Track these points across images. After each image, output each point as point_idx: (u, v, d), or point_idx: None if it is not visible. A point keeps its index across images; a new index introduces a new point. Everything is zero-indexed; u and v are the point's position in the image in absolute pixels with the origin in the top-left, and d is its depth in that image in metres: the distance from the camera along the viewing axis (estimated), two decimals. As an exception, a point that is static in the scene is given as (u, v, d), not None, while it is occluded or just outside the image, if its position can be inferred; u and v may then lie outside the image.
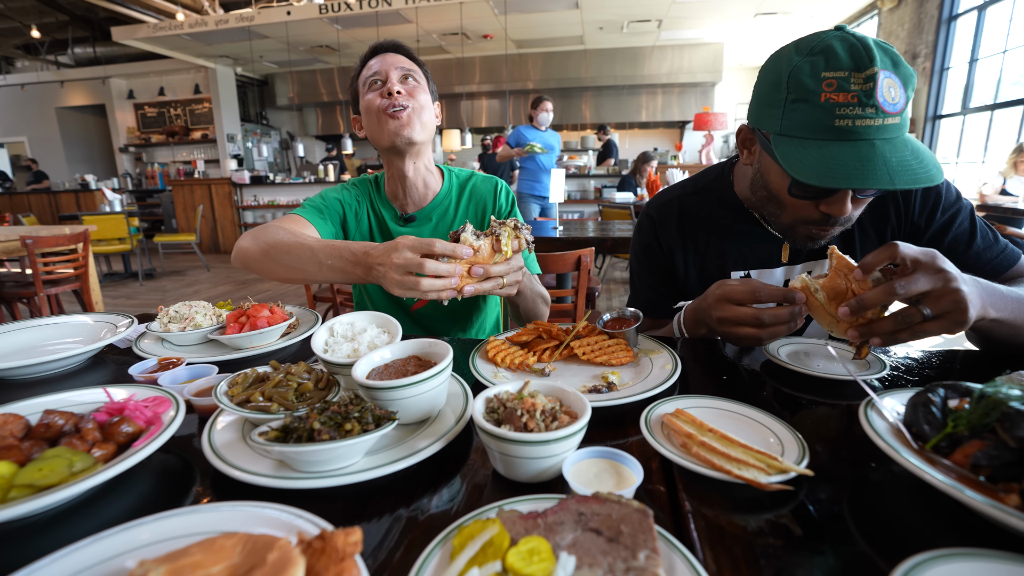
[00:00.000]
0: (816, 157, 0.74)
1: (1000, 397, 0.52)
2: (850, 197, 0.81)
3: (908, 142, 0.76)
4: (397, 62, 1.14)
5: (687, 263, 1.11)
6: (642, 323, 0.93)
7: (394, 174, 1.22)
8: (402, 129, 1.10)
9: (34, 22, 8.67)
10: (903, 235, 1.03)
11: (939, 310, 0.69)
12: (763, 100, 0.84)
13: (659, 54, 9.14)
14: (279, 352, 1.02)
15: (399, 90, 1.10)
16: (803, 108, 0.76)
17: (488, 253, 0.87)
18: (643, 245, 1.17)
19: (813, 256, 1.06)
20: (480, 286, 0.86)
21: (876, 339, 0.71)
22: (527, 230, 0.90)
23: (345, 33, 8.07)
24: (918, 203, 1.01)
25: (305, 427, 0.56)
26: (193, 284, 6.51)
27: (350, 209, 1.26)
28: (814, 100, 0.74)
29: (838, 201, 0.81)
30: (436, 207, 1.27)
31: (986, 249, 0.98)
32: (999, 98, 5.33)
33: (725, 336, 0.89)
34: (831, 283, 0.76)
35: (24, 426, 0.60)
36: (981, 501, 0.44)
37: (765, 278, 1.08)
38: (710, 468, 0.55)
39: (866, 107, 0.72)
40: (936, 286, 0.68)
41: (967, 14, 5.60)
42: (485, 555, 0.40)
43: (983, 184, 4.60)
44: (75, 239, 3.65)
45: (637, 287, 1.21)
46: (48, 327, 1.10)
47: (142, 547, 0.44)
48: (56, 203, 9.37)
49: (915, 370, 0.87)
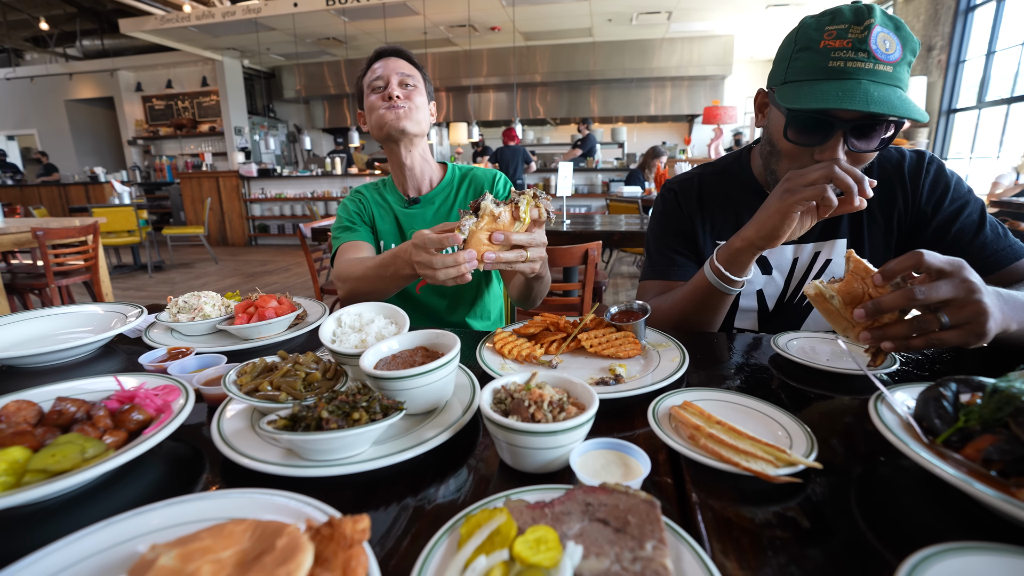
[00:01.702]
0: (808, 91, 0.84)
1: (1014, 392, 0.52)
2: (842, 146, 0.85)
3: (898, 90, 0.82)
4: (398, 67, 1.28)
5: (705, 233, 1.16)
6: (655, 288, 0.92)
7: (395, 162, 1.38)
8: (397, 121, 1.25)
9: (42, 14, 8.70)
10: (909, 221, 1.04)
11: (959, 320, 0.66)
12: (777, 59, 0.93)
13: (668, 47, 9.04)
14: (287, 342, 1.02)
15: (398, 94, 1.25)
16: (805, 55, 0.86)
17: (508, 221, 0.85)
18: (664, 212, 1.21)
19: (824, 236, 1.08)
20: (503, 255, 0.85)
21: (888, 343, 0.69)
22: (547, 199, 0.89)
23: (352, 25, 8.04)
24: (926, 190, 1.02)
25: (313, 416, 0.56)
26: (201, 276, 6.56)
27: (365, 211, 1.41)
28: (814, 47, 0.84)
29: (829, 147, 0.86)
30: (439, 193, 1.40)
31: (994, 241, 0.98)
32: (1016, 91, 5.22)
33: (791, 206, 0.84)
34: (847, 287, 0.73)
35: (37, 413, 0.61)
36: (992, 495, 0.44)
37: (776, 255, 1.11)
38: (718, 460, 0.54)
39: (859, 52, 0.80)
40: (958, 295, 0.66)
41: (985, 5, 5.48)
42: (492, 544, 0.40)
43: (998, 177, 4.51)
44: (85, 231, 3.69)
45: (653, 255, 1.21)
46: (60, 317, 1.11)
47: (153, 532, 0.44)
48: (66, 195, 9.45)
49: (926, 365, 0.86)
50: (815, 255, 1.09)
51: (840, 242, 1.07)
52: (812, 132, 0.87)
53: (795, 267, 1.11)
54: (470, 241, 0.84)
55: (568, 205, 7.92)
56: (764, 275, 1.12)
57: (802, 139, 0.89)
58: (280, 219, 9.04)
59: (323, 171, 8.86)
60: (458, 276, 0.84)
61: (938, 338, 0.68)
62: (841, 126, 0.84)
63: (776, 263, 1.11)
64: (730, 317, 1.17)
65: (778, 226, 0.87)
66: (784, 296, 1.12)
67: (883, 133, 0.86)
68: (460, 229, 0.83)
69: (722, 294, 0.98)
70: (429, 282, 0.89)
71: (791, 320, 1.13)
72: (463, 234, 0.83)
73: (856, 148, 0.87)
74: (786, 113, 0.89)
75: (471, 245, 0.84)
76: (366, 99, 1.31)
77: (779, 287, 1.12)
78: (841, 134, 0.85)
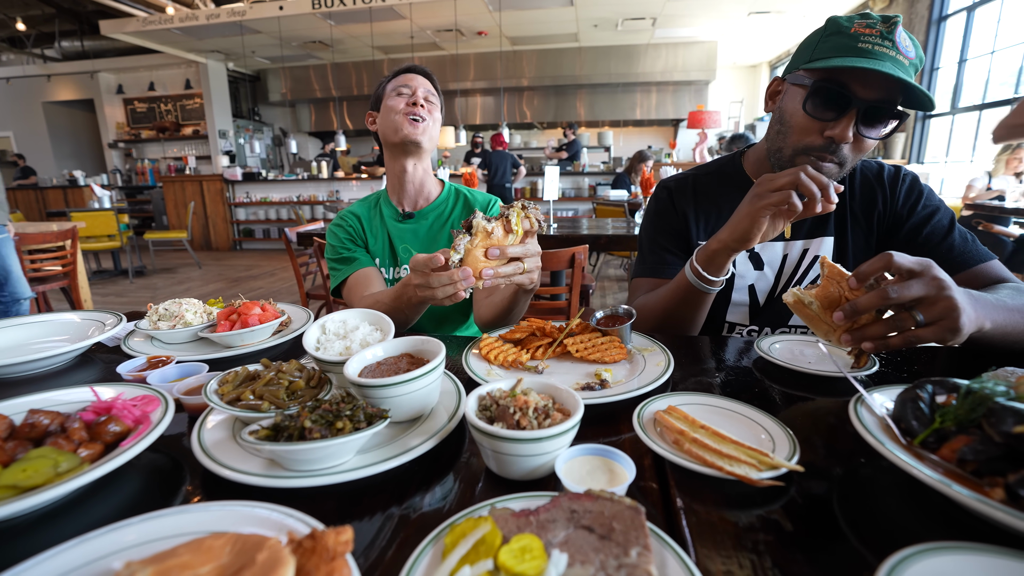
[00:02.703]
0: (839, 61, 0.89)
1: (986, 393, 0.53)
2: (852, 127, 0.91)
3: (912, 79, 0.88)
4: (425, 84, 1.37)
5: (699, 230, 1.20)
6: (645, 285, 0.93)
7: (396, 170, 1.39)
8: (414, 134, 1.31)
9: (19, 15, 8.51)
10: (887, 223, 1.12)
11: (932, 316, 0.69)
12: (803, 46, 0.99)
13: (653, 52, 9.15)
14: (270, 350, 1.01)
15: (422, 103, 1.32)
16: (834, 39, 0.92)
17: (502, 236, 0.86)
18: (658, 211, 1.25)
19: (812, 234, 1.14)
20: (501, 269, 0.86)
21: (868, 344, 0.72)
22: (536, 209, 0.90)
23: (338, 29, 8.00)
24: (903, 195, 1.10)
25: (296, 425, 0.56)
26: (184, 281, 6.45)
27: (357, 235, 1.41)
28: (844, 31, 0.91)
29: (842, 125, 0.91)
30: (433, 209, 1.42)
31: (961, 244, 1.05)
32: (987, 98, 5.38)
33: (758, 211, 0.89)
34: (824, 292, 0.76)
35: (8, 426, 0.59)
36: (967, 495, 0.45)
37: (767, 251, 1.16)
38: (702, 465, 0.55)
39: (885, 39, 0.87)
40: (929, 292, 0.69)
41: (956, 15, 5.64)
42: (477, 553, 0.40)
43: (971, 180, 4.64)
44: (63, 236, 3.60)
45: (645, 252, 1.26)
46: (35, 325, 1.09)
47: (129, 548, 0.43)
48: (43, 199, 9.23)
49: (904, 366, 0.88)
50: (804, 251, 1.14)
51: (827, 239, 1.13)
52: (829, 107, 0.92)
53: (785, 263, 1.16)
54: (467, 260, 0.84)
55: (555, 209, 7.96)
56: (756, 271, 1.17)
57: (819, 112, 0.94)
58: (265, 223, 8.93)
59: (309, 175, 8.78)
60: (455, 294, 0.85)
61: (915, 335, 0.70)
62: (857, 104, 0.90)
63: (767, 259, 1.16)
64: (722, 311, 1.20)
65: (748, 229, 0.91)
66: (775, 291, 1.17)
67: (889, 123, 0.94)
68: (455, 249, 0.84)
69: (702, 292, 1.02)
70: (429, 303, 0.91)
71: (781, 314, 1.17)
72: (459, 253, 0.84)
73: (862, 133, 0.92)
74: (811, 85, 0.93)
75: (468, 264, 0.84)
76: (387, 100, 1.34)
77: (770, 282, 1.17)
78: (855, 113, 0.90)
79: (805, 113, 0.95)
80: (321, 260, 2.63)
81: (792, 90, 1.00)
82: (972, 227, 4.46)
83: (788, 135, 1.00)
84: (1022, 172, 4.44)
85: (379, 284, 1.33)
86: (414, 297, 0.97)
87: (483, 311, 1.23)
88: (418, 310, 1.12)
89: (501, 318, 1.19)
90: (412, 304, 1.05)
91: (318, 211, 8.78)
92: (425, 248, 1.39)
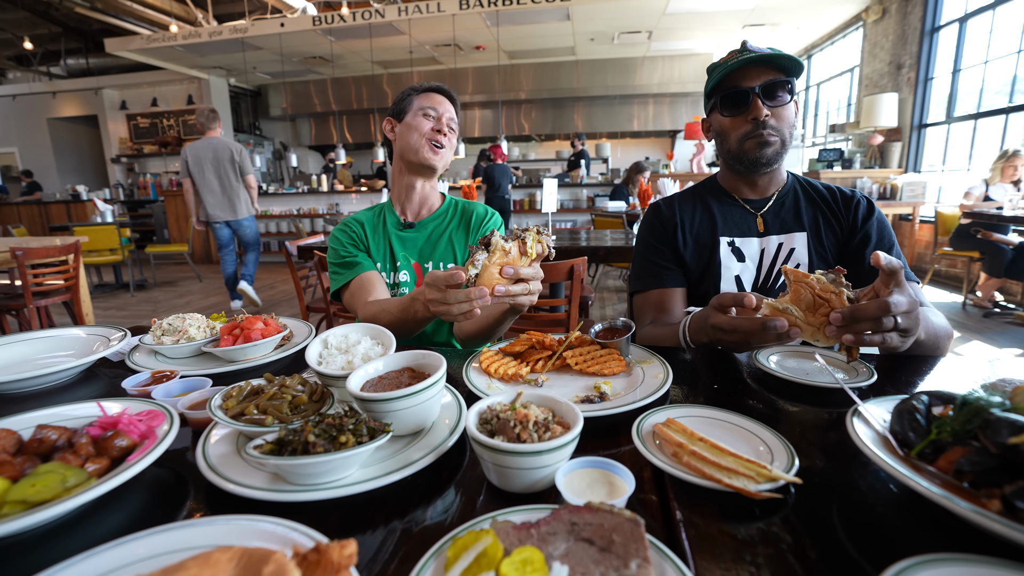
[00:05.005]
0: (719, 74, 1.17)
1: (982, 404, 0.54)
2: (761, 104, 1.13)
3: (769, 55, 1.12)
4: (450, 111, 1.43)
5: (686, 233, 1.32)
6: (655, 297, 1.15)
7: (404, 184, 1.45)
8: (433, 160, 1.37)
9: (27, 33, 8.65)
10: (846, 234, 1.26)
11: (907, 324, 0.78)
12: (704, 94, 1.28)
13: (650, 64, 9.27)
14: (273, 364, 1.02)
15: (446, 131, 1.39)
16: (715, 71, 1.19)
17: (517, 256, 0.89)
18: (649, 228, 1.37)
19: (785, 230, 1.26)
20: (511, 288, 0.88)
21: (849, 337, 0.76)
22: (549, 236, 0.93)
23: (338, 44, 8.12)
24: (862, 212, 1.25)
25: (300, 440, 0.56)
26: (185, 295, 6.46)
27: (360, 240, 1.44)
28: (718, 65, 1.19)
29: (753, 107, 1.14)
30: (433, 220, 1.48)
31: (888, 250, 1.18)
32: (982, 107, 5.44)
33: (716, 341, 0.96)
34: (796, 296, 0.82)
35: (17, 441, 0.60)
36: (964, 507, 0.45)
37: (746, 246, 1.27)
38: (701, 477, 0.55)
39: (743, 52, 1.14)
40: (912, 305, 0.77)
41: (949, 26, 5.73)
42: (479, 566, 0.40)
43: (969, 188, 4.67)
44: (66, 250, 3.62)
45: (637, 266, 1.37)
46: (40, 340, 1.10)
47: (137, 562, 0.44)
48: (47, 214, 9.28)
49: (901, 378, 0.88)
50: (779, 246, 1.25)
51: (801, 234, 1.24)
52: (737, 103, 1.17)
53: (763, 256, 1.25)
54: (482, 275, 0.86)
55: (554, 220, 7.99)
56: (739, 263, 1.26)
57: (732, 111, 1.18)
58: (266, 236, 8.96)
59: (309, 188, 8.83)
60: (470, 311, 0.87)
61: (888, 336, 0.77)
62: (751, 88, 1.13)
63: (748, 254, 1.26)
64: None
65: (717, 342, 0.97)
66: (758, 281, 1.26)
67: (786, 90, 1.15)
68: (473, 264, 0.86)
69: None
70: (443, 319, 0.92)
71: None
72: (476, 268, 0.86)
73: (770, 105, 1.14)
74: (718, 100, 1.19)
75: (482, 279, 0.86)
76: (414, 116, 1.39)
77: (753, 274, 1.27)
78: (756, 98, 1.13)
79: (727, 117, 1.20)
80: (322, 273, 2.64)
81: (713, 115, 1.26)
82: (971, 235, 4.48)
83: (728, 137, 1.22)
84: (1019, 180, 4.46)
85: (382, 288, 1.34)
86: (423, 312, 0.99)
87: (468, 326, 1.25)
88: (423, 324, 1.13)
89: (484, 333, 1.21)
90: (419, 319, 1.07)
91: (318, 224, 8.82)
92: (422, 256, 1.42)
